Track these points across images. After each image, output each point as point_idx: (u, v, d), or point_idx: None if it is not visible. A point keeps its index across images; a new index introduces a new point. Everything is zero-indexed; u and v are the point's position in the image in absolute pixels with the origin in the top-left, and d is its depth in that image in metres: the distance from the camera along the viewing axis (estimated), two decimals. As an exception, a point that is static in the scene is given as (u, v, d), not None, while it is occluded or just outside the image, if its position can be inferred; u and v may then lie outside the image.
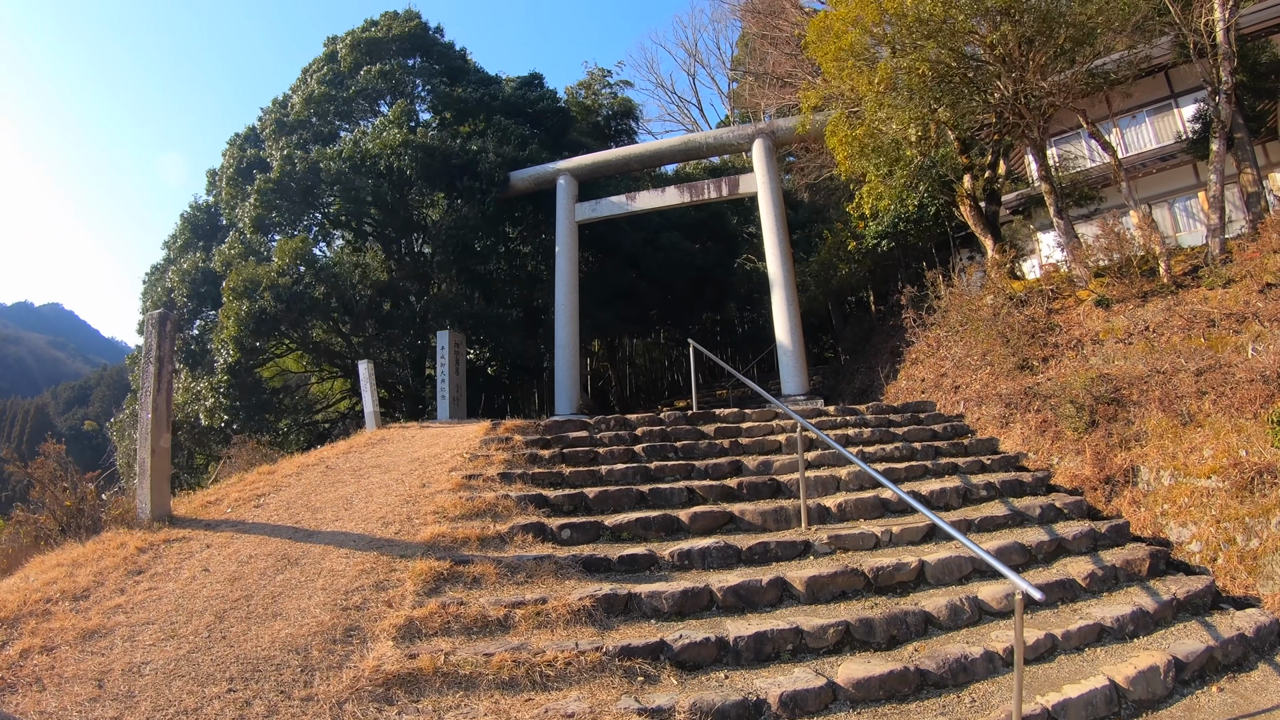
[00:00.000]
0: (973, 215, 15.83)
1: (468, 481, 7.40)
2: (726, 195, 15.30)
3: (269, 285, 14.08)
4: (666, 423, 9.19)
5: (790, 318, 13.87)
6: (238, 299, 14.16)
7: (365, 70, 19.04)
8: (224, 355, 14.55)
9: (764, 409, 9.70)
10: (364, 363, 11.25)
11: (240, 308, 14.06)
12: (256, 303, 13.99)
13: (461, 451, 8.46)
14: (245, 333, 14.17)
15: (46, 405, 78.27)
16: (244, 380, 14.73)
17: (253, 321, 14.08)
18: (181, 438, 16.36)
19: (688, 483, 7.27)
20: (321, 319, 15.81)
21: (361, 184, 16.23)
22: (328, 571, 5.77)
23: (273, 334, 14.87)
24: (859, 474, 7.64)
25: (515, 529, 6.20)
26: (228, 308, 14.42)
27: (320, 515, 7.09)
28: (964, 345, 13.34)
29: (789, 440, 8.48)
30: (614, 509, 6.77)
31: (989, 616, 5.58)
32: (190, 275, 16.69)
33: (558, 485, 7.38)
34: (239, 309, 14.08)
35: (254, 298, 14.06)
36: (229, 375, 14.51)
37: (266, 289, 14.02)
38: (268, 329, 14.56)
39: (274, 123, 19.36)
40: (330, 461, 9.00)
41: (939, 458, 8.86)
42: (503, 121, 17.79)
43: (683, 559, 5.69)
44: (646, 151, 16.12)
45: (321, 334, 17.14)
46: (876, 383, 15.52)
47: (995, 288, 13.96)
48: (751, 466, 7.76)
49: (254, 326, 14.20)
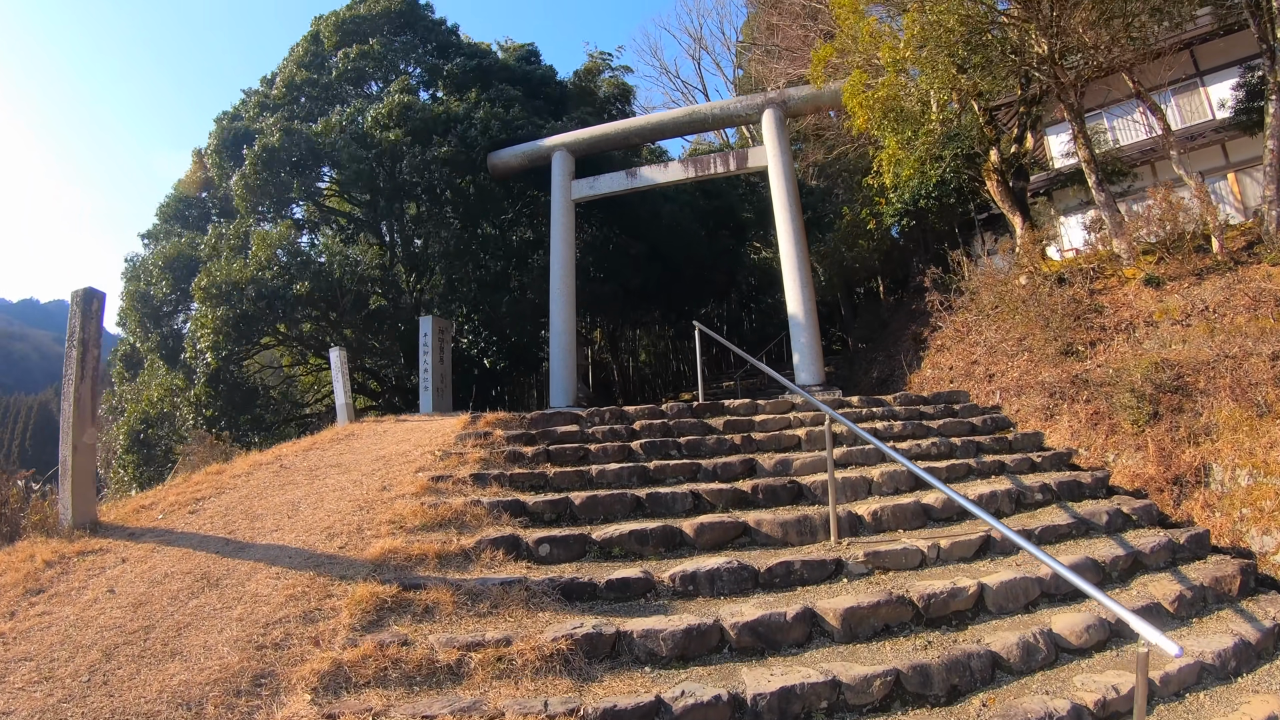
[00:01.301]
0: (1000, 191, 14.64)
1: (434, 484, 6.31)
2: (734, 169, 14.13)
3: (250, 280, 12.93)
4: (669, 415, 8.08)
5: (805, 300, 12.71)
6: (214, 302, 13.02)
7: (345, 51, 17.94)
8: (201, 363, 13.42)
9: (779, 400, 8.58)
10: (335, 350, 10.18)
11: (215, 313, 12.93)
12: (236, 308, 12.86)
13: (433, 448, 7.37)
14: (223, 338, 13.06)
15: (49, 402, 77.68)
16: (225, 380, 13.61)
17: (231, 326, 12.97)
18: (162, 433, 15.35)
19: (693, 486, 6.14)
20: (306, 313, 14.73)
21: (359, 155, 15.13)
22: (250, 597, 4.70)
23: (254, 333, 13.77)
24: (894, 475, 6.52)
25: (484, 544, 5.10)
26: (202, 313, 13.30)
27: (259, 524, 6.03)
28: (997, 329, 12.19)
29: (809, 436, 7.35)
30: (604, 518, 5.66)
31: (1067, 655, 4.47)
32: (173, 265, 15.58)
33: (540, 489, 6.27)
34: (213, 316, 12.94)
35: (231, 301, 12.92)
36: (208, 380, 13.40)
37: (248, 285, 12.86)
38: (248, 329, 13.46)
39: (256, 105, 18.30)
40: (287, 460, 7.93)
41: (982, 455, 7.72)
42: (499, 86, 16.65)
43: (686, 583, 4.57)
44: (648, 124, 14.93)
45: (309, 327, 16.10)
46: (898, 372, 14.37)
47: (1029, 268, 12.80)
48: (767, 466, 6.63)
49: (233, 330, 13.08)
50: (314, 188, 15.33)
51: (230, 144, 17.16)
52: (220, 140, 17.51)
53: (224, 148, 17.12)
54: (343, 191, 16.62)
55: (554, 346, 14.12)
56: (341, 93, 17.68)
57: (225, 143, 17.29)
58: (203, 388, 13.30)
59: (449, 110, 16.10)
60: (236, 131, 17.26)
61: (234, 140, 17.17)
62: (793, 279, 12.80)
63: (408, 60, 18.56)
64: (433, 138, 15.29)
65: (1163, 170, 16.24)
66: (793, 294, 12.77)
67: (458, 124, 15.48)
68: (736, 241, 22.84)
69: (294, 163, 14.75)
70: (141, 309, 15.42)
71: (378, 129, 15.18)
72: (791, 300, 12.79)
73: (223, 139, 17.49)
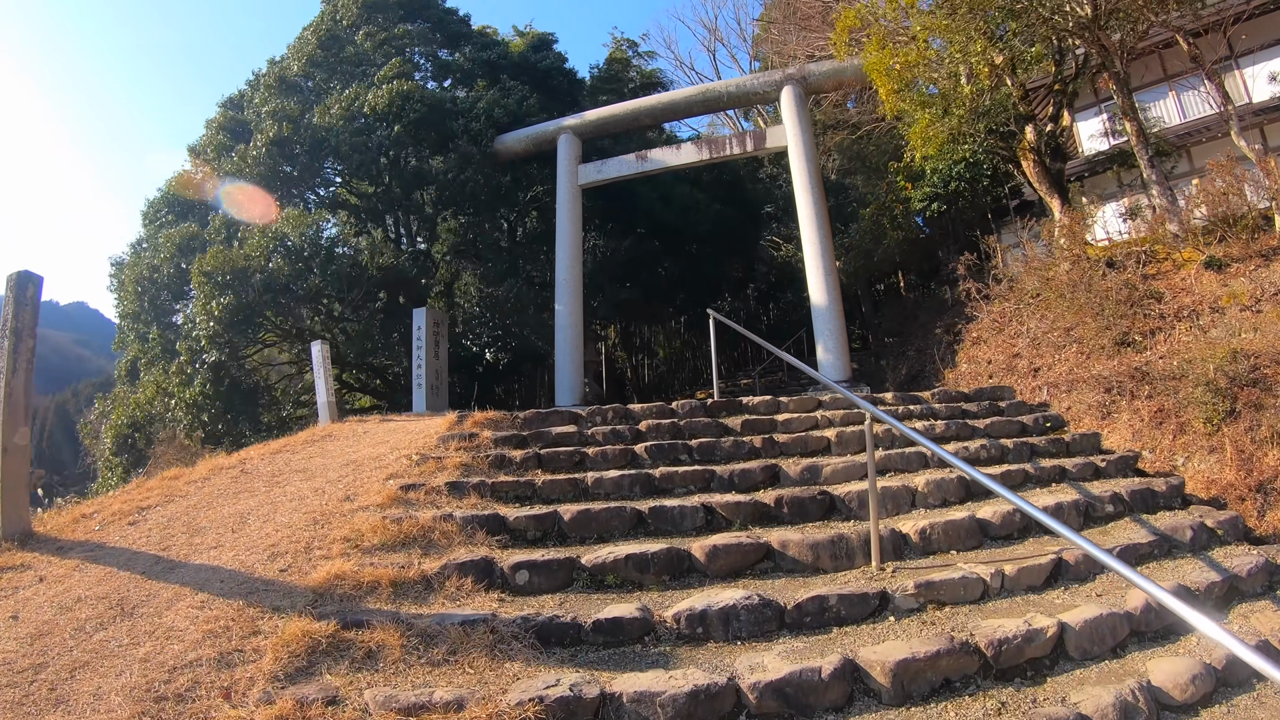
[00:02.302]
0: (1037, 172, 13.58)
1: (404, 494, 5.43)
2: (751, 150, 13.16)
3: (256, 270, 12.07)
4: (679, 414, 7.15)
5: (829, 288, 11.72)
6: (217, 290, 12.15)
7: (362, 33, 17.13)
8: (199, 359, 12.54)
9: (804, 397, 7.64)
10: (317, 344, 9.35)
11: (220, 302, 12.05)
12: (241, 297, 11.98)
13: (411, 452, 6.51)
14: (223, 327, 12.17)
15: (66, 402, 77.98)
16: (227, 377, 12.73)
17: (231, 315, 12.08)
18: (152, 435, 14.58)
19: (705, 498, 5.21)
20: (315, 306, 13.91)
21: (360, 145, 14.36)
22: (164, 631, 3.87)
23: (256, 326, 12.91)
24: (941, 484, 5.57)
25: (450, 569, 4.21)
26: (201, 300, 12.43)
27: (199, 539, 5.20)
28: (1040, 319, 11.17)
29: (840, 438, 6.40)
30: (598, 537, 4.75)
31: (1172, 714, 3.53)
32: (174, 259, 14.71)
33: (525, 500, 5.38)
34: (216, 305, 12.06)
35: (235, 290, 12.04)
36: (209, 377, 12.51)
37: (254, 274, 11.99)
38: (250, 321, 12.59)
39: (265, 87, 17.50)
40: (252, 464, 7.09)
41: (1037, 459, 6.75)
42: (506, 80, 15.80)
43: (694, 624, 3.65)
44: (659, 104, 13.98)
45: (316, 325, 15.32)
46: (929, 367, 13.36)
47: (1072, 253, 11.76)
48: (793, 474, 5.68)
49: (234, 320, 12.21)
50: (319, 178, 14.51)
51: (230, 133, 16.41)
52: (218, 129, 16.77)
53: (223, 137, 16.35)
54: (346, 183, 15.82)
55: (559, 341, 13.24)
56: (347, 80, 16.87)
57: (224, 131, 16.53)
58: (200, 388, 12.45)
59: (454, 101, 15.27)
60: (239, 121, 16.52)
61: (233, 129, 16.42)
62: (816, 266, 11.82)
63: (414, 48, 17.74)
64: (436, 129, 14.46)
65: (1199, 156, 15.27)
66: (815, 282, 11.78)
67: (462, 115, 14.65)
68: (754, 234, 21.86)
69: (295, 154, 13.96)
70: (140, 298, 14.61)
71: (376, 118, 14.36)
72: (814, 289, 11.80)
73: (221, 128, 16.75)
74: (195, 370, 12.31)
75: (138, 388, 14.66)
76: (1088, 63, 13.14)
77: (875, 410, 4.44)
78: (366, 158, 14.41)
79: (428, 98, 14.57)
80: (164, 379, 13.57)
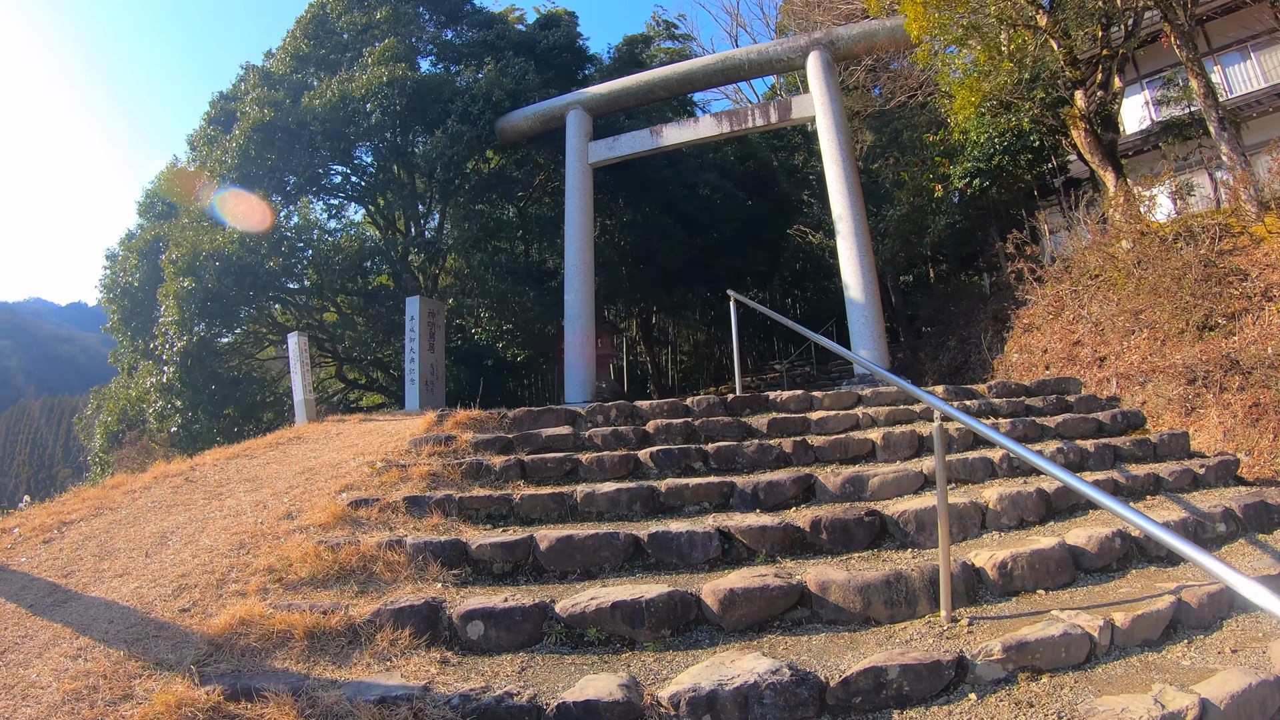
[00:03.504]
0: (1089, 143, 12.28)
1: (354, 511, 4.47)
2: (775, 121, 12.01)
3: (215, 254, 11.30)
4: (694, 413, 6.11)
5: (864, 272, 10.56)
6: (180, 275, 11.43)
7: (349, 19, 16.23)
8: (169, 346, 11.78)
9: (839, 392, 6.55)
10: (295, 335, 8.46)
11: (181, 286, 11.31)
12: (202, 282, 11.21)
13: (377, 457, 5.55)
14: (190, 315, 11.42)
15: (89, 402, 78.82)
16: (199, 367, 11.95)
17: (198, 302, 11.33)
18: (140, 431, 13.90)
19: (722, 519, 4.17)
20: (293, 296, 13.09)
21: (342, 128, 13.50)
22: (23, 689, 3.16)
23: (226, 314, 12.13)
24: (1016, 499, 4.50)
25: (385, 616, 3.24)
26: (168, 287, 11.70)
27: (107, 565, 4.32)
28: (1102, 303, 9.96)
29: (887, 441, 5.31)
30: (582, 572, 3.74)
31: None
32: (150, 253, 13.99)
33: (498, 520, 4.39)
34: (178, 288, 11.33)
35: (197, 274, 11.29)
36: (179, 363, 11.75)
37: (209, 259, 11.23)
38: (220, 308, 11.81)
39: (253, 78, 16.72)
40: (201, 471, 6.19)
41: (1123, 464, 5.63)
42: (509, 58, 14.82)
43: (699, 711, 2.62)
44: (675, 75, 12.86)
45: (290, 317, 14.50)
46: (974, 358, 12.16)
47: (1133, 229, 10.53)
48: (832, 486, 4.62)
49: (200, 306, 11.45)
50: (303, 165, 13.61)
51: (222, 124, 15.62)
52: (210, 121, 16.00)
53: (214, 128, 15.57)
54: (331, 169, 14.96)
55: (569, 333, 12.23)
56: (335, 68, 16.00)
57: (216, 122, 15.77)
58: (175, 373, 11.70)
59: (449, 82, 14.31)
60: (229, 111, 15.71)
61: (225, 120, 15.63)
62: (850, 248, 10.67)
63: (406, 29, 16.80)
64: (426, 111, 13.52)
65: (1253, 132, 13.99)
66: (850, 265, 10.63)
67: (457, 95, 13.67)
68: (780, 221, 20.67)
69: (277, 140, 13.09)
70: (120, 300, 13.98)
71: (364, 100, 13.42)
72: (849, 273, 10.65)
73: (213, 119, 15.98)
74: (168, 358, 11.58)
75: (133, 382, 13.97)
76: (1138, 25, 11.89)
77: (945, 406, 3.37)
78: (348, 144, 13.56)
79: (415, 78, 13.63)
80: (145, 374, 12.87)
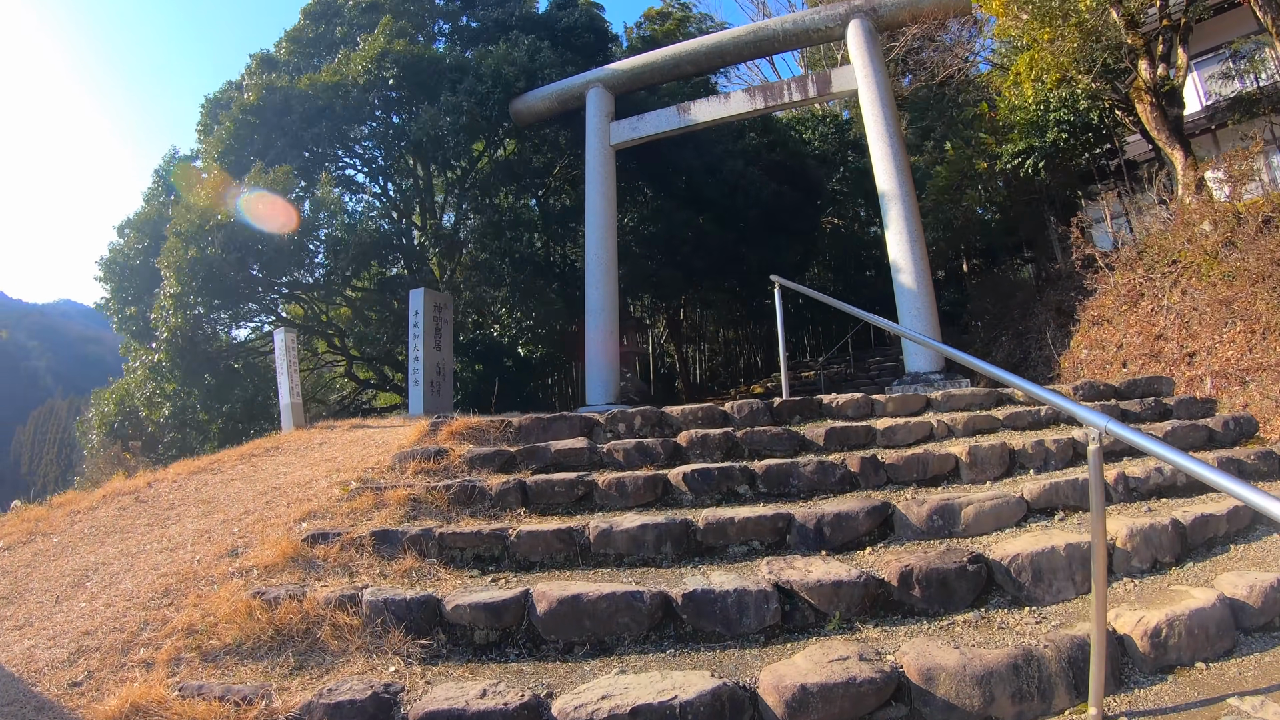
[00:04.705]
0: (1155, 118, 11.03)
1: (309, 549, 3.55)
2: (814, 95, 10.92)
3: (219, 225, 10.35)
4: (735, 420, 5.09)
5: (914, 255, 9.41)
6: (184, 243, 10.47)
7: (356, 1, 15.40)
8: (165, 322, 10.82)
9: (905, 395, 5.52)
10: (281, 331, 7.58)
11: (184, 255, 10.32)
12: (206, 250, 10.24)
13: (355, 475, 4.63)
14: (186, 288, 10.45)
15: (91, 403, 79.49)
16: (194, 352, 11.00)
17: (196, 272, 10.30)
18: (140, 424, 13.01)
19: (779, 567, 3.14)
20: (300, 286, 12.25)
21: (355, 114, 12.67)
22: None
23: (225, 293, 11.19)
24: (1149, 535, 3.46)
25: (317, 711, 2.30)
26: (168, 258, 10.74)
27: (8, 613, 3.67)
28: (1186, 292, 8.80)
29: (973, 456, 4.26)
30: (593, 645, 2.76)
31: None
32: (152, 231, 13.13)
33: (488, 564, 3.43)
34: (180, 258, 10.33)
35: (201, 244, 10.31)
36: (168, 340, 10.77)
37: (218, 229, 10.26)
38: (218, 286, 10.83)
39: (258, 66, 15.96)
40: (158, 488, 5.32)
41: (1249, 481, 4.54)
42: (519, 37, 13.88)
43: None
44: (703, 47, 11.76)
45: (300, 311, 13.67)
46: (1033, 354, 11.01)
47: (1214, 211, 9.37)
48: (915, 518, 3.58)
49: (202, 283, 10.45)
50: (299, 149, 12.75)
51: (227, 109, 14.86)
52: (214, 105, 15.25)
53: (216, 112, 14.82)
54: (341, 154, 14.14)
55: (590, 329, 11.25)
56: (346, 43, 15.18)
57: (219, 107, 15.00)
58: (164, 351, 10.78)
59: (455, 60, 13.39)
60: (230, 99, 14.94)
61: (228, 105, 14.86)
62: (899, 231, 9.55)
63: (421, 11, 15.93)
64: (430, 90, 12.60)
65: None
66: (899, 250, 9.51)
67: (466, 73, 12.74)
68: (810, 211, 19.51)
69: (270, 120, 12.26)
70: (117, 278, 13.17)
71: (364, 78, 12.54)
72: (898, 257, 9.51)
73: (217, 104, 15.22)
74: (161, 336, 10.73)
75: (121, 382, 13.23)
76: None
77: (1106, 420, 2.34)
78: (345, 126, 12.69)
79: (416, 53, 12.70)
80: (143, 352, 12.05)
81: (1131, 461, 4.58)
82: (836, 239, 22.09)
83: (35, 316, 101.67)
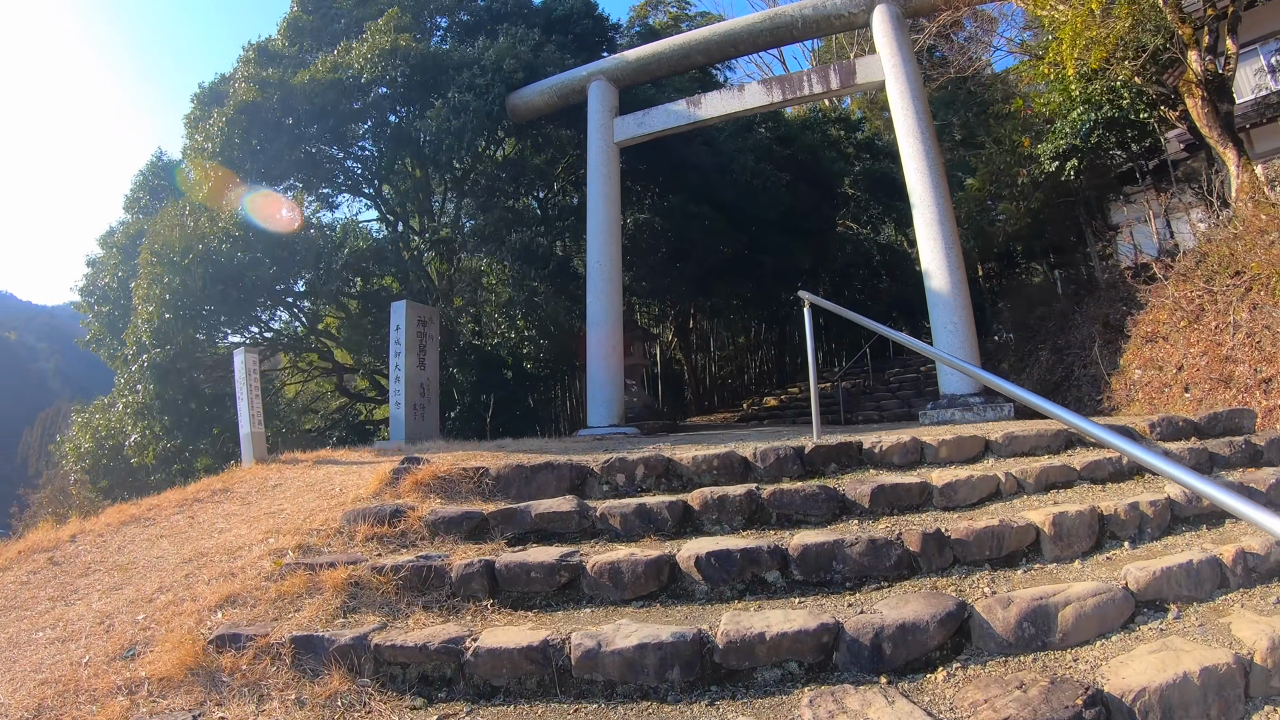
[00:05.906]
0: (1205, 113, 10.09)
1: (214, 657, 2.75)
2: (837, 87, 10.01)
3: (198, 242, 9.61)
4: (758, 470, 4.23)
5: (949, 261, 8.49)
6: (161, 268, 9.74)
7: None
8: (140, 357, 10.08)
9: (961, 437, 4.62)
10: (240, 353, 6.78)
11: (163, 286, 9.59)
12: (189, 281, 9.49)
13: (295, 539, 3.81)
14: (168, 318, 9.73)
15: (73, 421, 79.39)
16: (171, 382, 10.26)
17: (179, 301, 9.61)
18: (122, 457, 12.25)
19: (827, 711, 2.32)
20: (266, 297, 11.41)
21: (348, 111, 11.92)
22: None
23: (205, 319, 10.46)
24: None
25: None
26: (144, 287, 10.03)
27: None
28: (1254, 308, 7.90)
29: (1058, 527, 3.38)
30: None
31: None
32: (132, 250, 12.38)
33: (436, 691, 2.59)
34: (159, 288, 9.61)
35: (180, 270, 9.57)
36: (151, 377, 10.08)
37: (193, 249, 9.52)
38: (198, 315, 10.13)
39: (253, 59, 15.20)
40: (79, 546, 4.54)
41: None
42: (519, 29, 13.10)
43: None
44: (715, 36, 10.85)
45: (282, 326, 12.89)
46: (1077, 373, 10.09)
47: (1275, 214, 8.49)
48: (1000, 626, 2.71)
49: (183, 310, 9.74)
50: (292, 149, 11.97)
51: (218, 104, 14.10)
52: (204, 101, 14.51)
53: (204, 109, 14.06)
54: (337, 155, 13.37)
55: (592, 341, 10.42)
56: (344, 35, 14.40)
57: (209, 103, 14.25)
58: (150, 391, 10.07)
59: (451, 55, 12.60)
60: (222, 93, 14.18)
61: (221, 101, 14.11)
62: (931, 236, 8.65)
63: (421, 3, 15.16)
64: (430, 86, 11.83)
65: None
66: (933, 257, 8.59)
67: (466, 68, 11.96)
68: (825, 214, 18.66)
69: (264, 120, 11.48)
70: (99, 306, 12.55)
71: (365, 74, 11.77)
72: (931, 264, 8.58)
73: (207, 100, 14.47)
74: (139, 373, 9.96)
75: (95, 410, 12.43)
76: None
77: None
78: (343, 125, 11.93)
79: (419, 50, 11.93)
80: (125, 389, 11.27)
81: (1247, 532, 3.71)
82: (849, 243, 21.23)
83: (44, 318, 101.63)
